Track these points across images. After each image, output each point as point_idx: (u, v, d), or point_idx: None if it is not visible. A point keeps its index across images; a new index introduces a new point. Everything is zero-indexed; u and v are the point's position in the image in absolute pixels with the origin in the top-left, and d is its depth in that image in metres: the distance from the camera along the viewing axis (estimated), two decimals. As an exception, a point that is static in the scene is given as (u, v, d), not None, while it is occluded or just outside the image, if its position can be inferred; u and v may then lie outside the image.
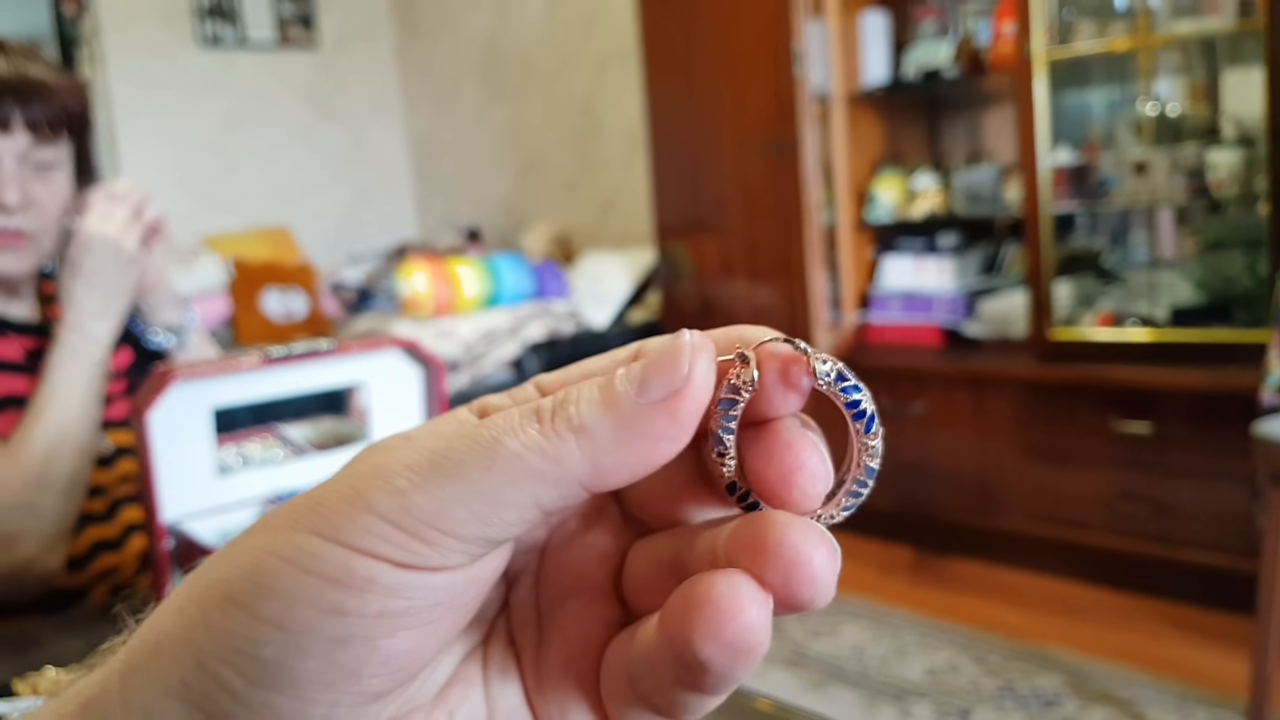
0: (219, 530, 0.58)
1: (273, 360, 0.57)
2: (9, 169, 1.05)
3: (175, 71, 4.80)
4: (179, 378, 0.54)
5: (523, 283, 3.34)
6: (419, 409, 0.67)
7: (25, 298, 1.17)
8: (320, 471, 0.65)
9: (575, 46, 4.41)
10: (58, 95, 1.08)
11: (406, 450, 0.21)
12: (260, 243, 4.71)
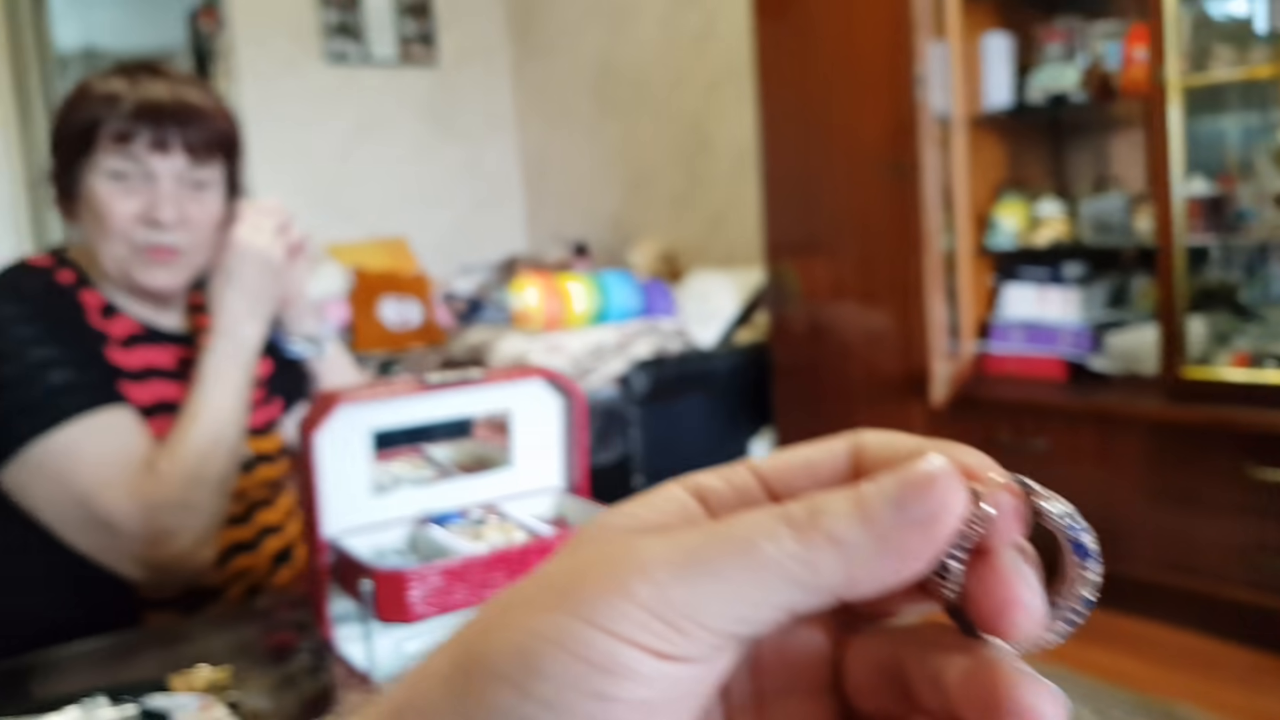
0: (374, 547, 0.60)
1: (429, 387, 0.58)
2: (166, 188, 1.10)
3: (303, 86, 4.98)
4: (345, 401, 0.56)
5: (631, 300, 3.35)
6: (559, 437, 0.67)
7: (175, 309, 1.22)
8: (466, 495, 0.66)
9: (687, 65, 4.43)
10: (213, 120, 1.14)
11: (660, 543, 0.22)
12: (379, 252, 4.85)
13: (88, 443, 1.01)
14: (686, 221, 4.60)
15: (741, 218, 4.26)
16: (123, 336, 1.15)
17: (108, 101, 1.09)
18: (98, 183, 1.09)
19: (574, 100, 5.20)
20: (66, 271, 1.15)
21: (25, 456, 1.00)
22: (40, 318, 1.07)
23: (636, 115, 4.80)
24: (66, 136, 1.11)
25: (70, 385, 1.02)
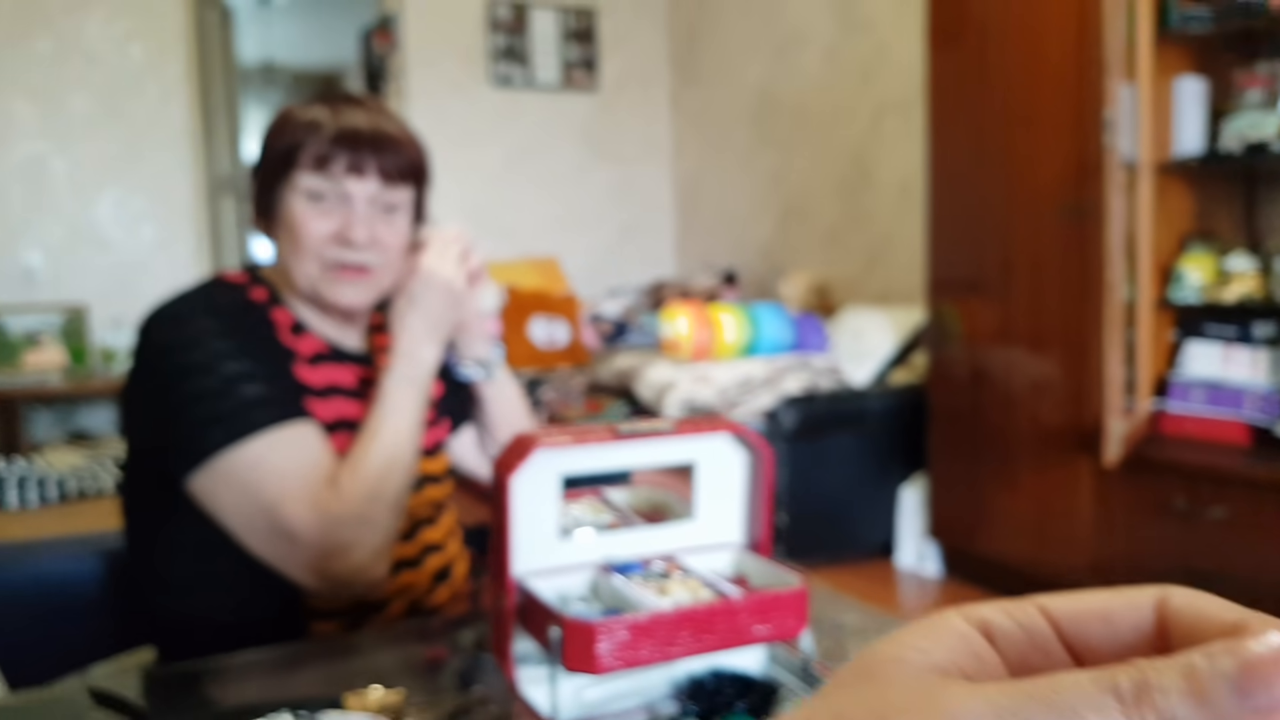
0: (557, 591, 0.61)
1: (622, 436, 0.56)
2: (360, 209, 1.14)
3: (468, 108, 5.14)
4: (541, 445, 0.55)
5: (782, 334, 3.29)
6: (742, 493, 0.65)
7: (357, 328, 1.27)
8: (647, 544, 0.65)
9: (851, 96, 4.35)
10: (405, 148, 1.18)
11: (970, 697, 0.22)
12: (531, 271, 4.94)
13: (275, 455, 1.05)
14: (841, 255, 4.50)
15: (900, 254, 4.14)
16: (309, 354, 1.19)
17: (310, 127, 1.14)
18: (295, 202, 1.14)
19: (731, 128, 5.19)
20: (260, 289, 1.20)
21: (214, 465, 1.04)
22: (235, 333, 1.11)
23: (795, 145, 4.74)
24: (269, 159, 1.17)
25: (261, 399, 1.06)
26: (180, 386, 1.06)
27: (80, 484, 3.82)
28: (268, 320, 1.17)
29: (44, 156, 4.48)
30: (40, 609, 1.41)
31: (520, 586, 0.61)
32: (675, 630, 0.56)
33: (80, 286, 4.59)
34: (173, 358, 1.08)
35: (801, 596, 0.60)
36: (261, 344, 1.14)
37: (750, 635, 0.59)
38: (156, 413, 1.10)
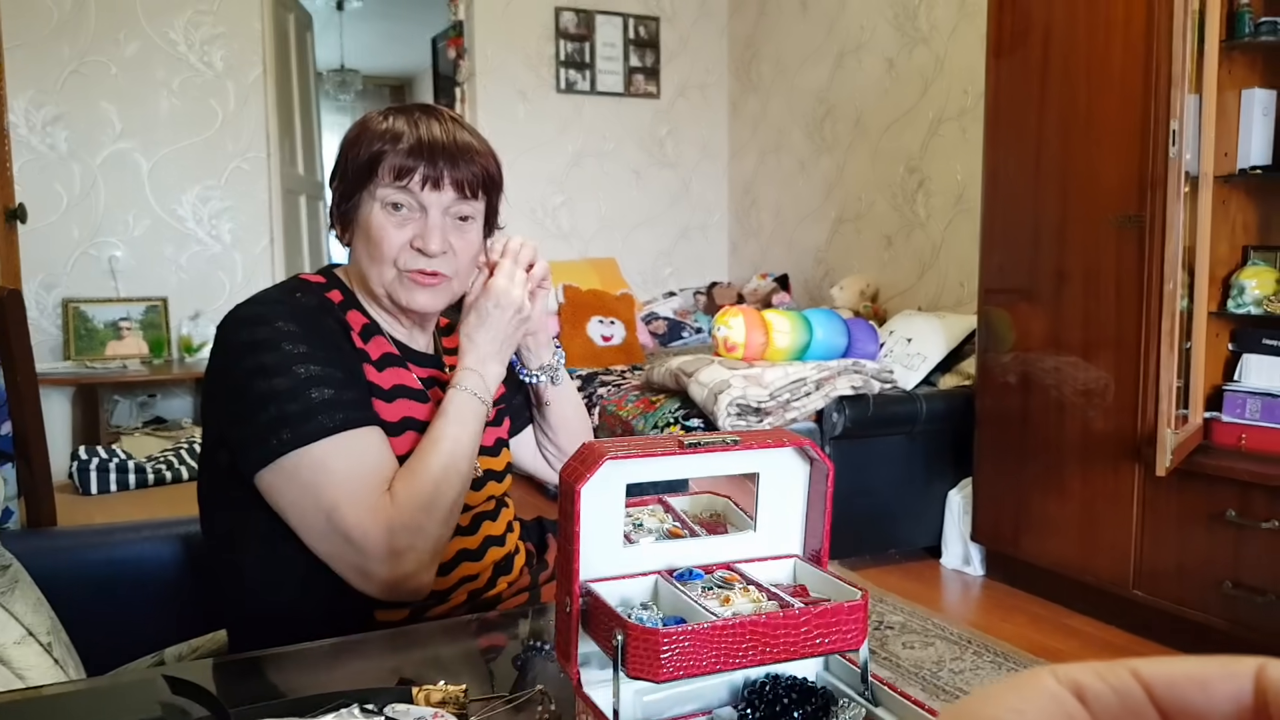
0: (620, 596, 0.64)
1: (688, 449, 0.62)
2: (435, 219, 1.19)
3: (534, 113, 5.26)
4: (610, 457, 0.60)
5: (835, 339, 3.35)
6: (802, 503, 0.70)
7: (427, 330, 1.33)
8: (708, 553, 0.70)
9: (908, 105, 4.38)
10: (481, 159, 1.22)
11: None
12: (590, 271, 5.04)
13: (339, 459, 1.08)
14: (894, 261, 4.53)
15: (952, 262, 4.17)
16: (377, 357, 1.22)
17: (390, 138, 1.18)
18: (375, 212, 1.19)
19: (788, 134, 5.24)
20: (336, 291, 1.25)
21: (280, 464, 1.08)
22: (310, 336, 1.14)
23: (851, 152, 4.78)
24: (349, 169, 1.22)
25: (330, 403, 1.09)
26: (254, 386, 1.09)
27: (158, 471, 3.99)
28: (342, 322, 1.21)
29: (129, 155, 4.67)
30: (117, 591, 1.46)
31: (586, 591, 0.63)
32: (737, 640, 0.57)
33: (161, 280, 4.78)
34: (249, 358, 1.11)
35: (862, 609, 0.61)
36: (335, 347, 1.16)
37: (811, 647, 0.59)
38: (231, 409, 1.14)
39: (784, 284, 5.08)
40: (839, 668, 0.67)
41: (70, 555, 1.47)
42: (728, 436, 0.64)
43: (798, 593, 0.65)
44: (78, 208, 4.59)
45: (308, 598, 1.15)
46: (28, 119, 4.47)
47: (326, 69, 8.57)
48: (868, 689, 0.63)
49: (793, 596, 0.63)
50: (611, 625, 0.59)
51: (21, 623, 1.24)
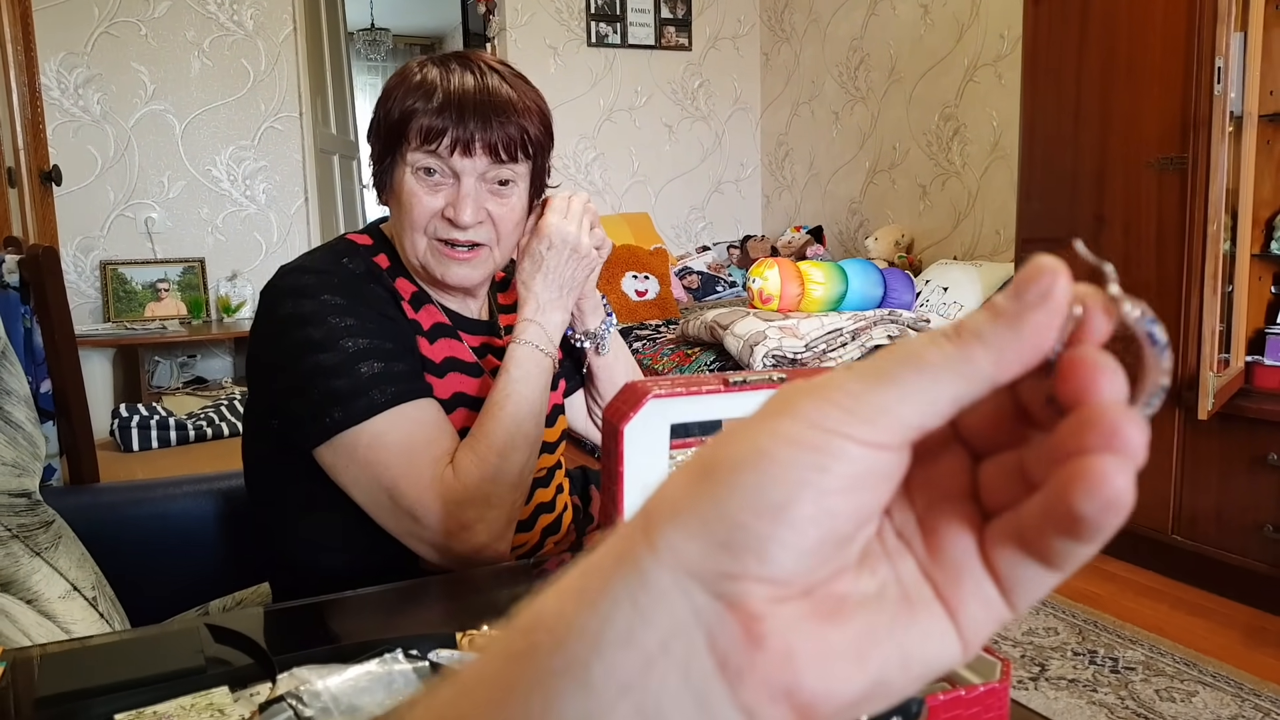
0: None
1: (734, 387, 0.62)
2: (468, 186, 1.10)
3: (565, 67, 5.21)
4: (653, 395, 0.59)
5: (872, 289, 3.31)
6: None
7: (479, 297, 1.25)
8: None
9: (943, 52, 4.29)
10: (519, 116, 1.11)
11: (849, 370, 0.27)
12: (624, 226, 5.02)
13: (394, 434, 1.02)
14: (929, 211, 4.47)
15: (988, 210, 4.11)
16: (429, 327, 1.16)
17: (422, 93, 1.09)
18: (407, 177, 1.10)
19: (821, 85, 5.16)
20: (384, 255, 1.18)
21: (337, 442, 1.03)
22: (358, 306, 1.08)
23: (885, 101, 4.70)
24: (383, 127, 1.12)
25: (381, 376, 1.04)
26: (302, 362, 1.04)
27: (198, 428, 4.05)
28: (391, 290, 1.15)
29: (162, 116, 4.70)
30: (160, 546, 1.47)
31: None
32: None
33: (197, 241, 4.83)
34: (296, 331, 1.06)
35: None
36: (385, 316, 1.10)
37: None
38: (280, 383, 1.09)
39: (818, 236, 5.03)
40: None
41: (113, 511, 1.48)
42: (774, 374, 0.63)
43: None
44: (112, 170, 4.62)
45: (353, 560, 1.12)
46: (59, 81, 4.49)
47: (357, 28, 8.54)
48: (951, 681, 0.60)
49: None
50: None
51: (66, 578, 1.27)
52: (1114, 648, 2.27)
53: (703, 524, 0.25)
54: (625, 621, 0.25)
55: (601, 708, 0.25)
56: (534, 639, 0.26)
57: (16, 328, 1.75)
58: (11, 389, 1.26)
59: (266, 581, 1.37)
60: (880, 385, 0.26)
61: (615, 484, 0.60)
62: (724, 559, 0.25)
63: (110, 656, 0.93)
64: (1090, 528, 0.25)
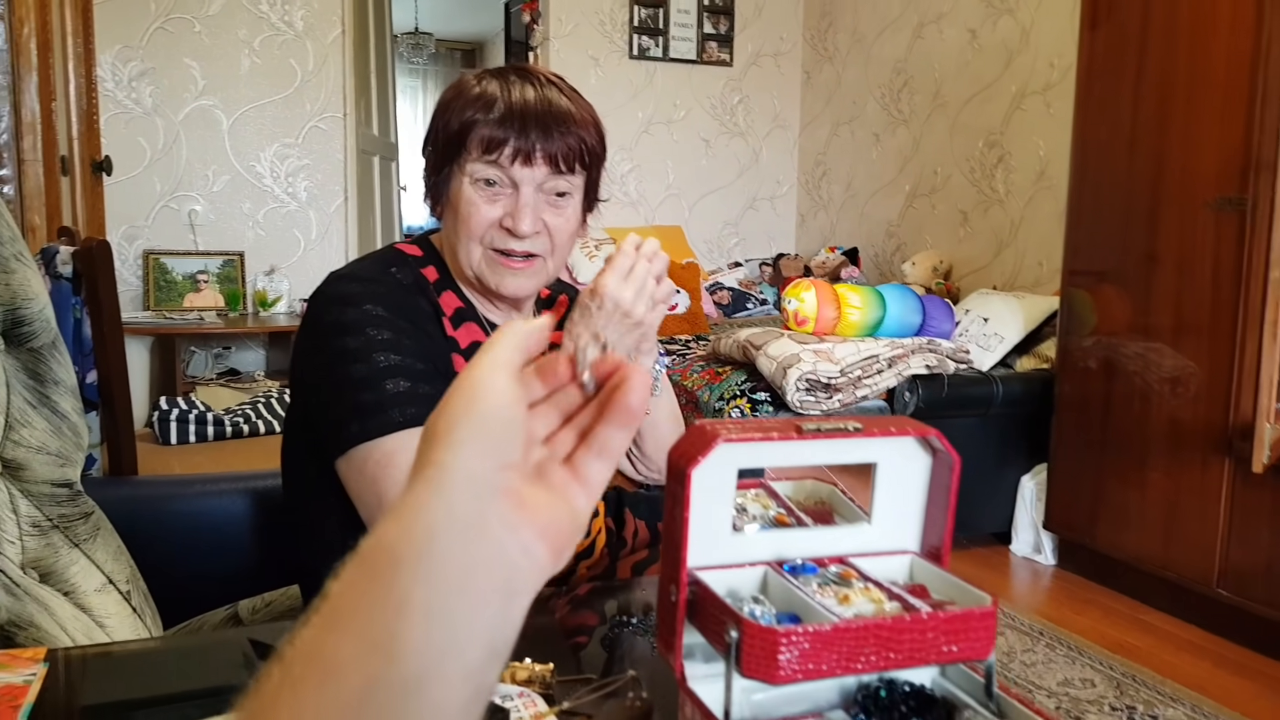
0: (727, 587, 0.62)
1: (806, 434, 0.60)
2: (527, 196, 1.11)
3: (606, 78, 5.22)
4: (723, 439, 0.58)
5: (909, 316, 3.27)
6: (919, 495, 0.67)
7: (525, 312, 1.26)
8: (819, 545, 0.67)
9: (990, 78, 4.25)
10: (578, 128, 1.12)
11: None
12: (655, 239, 5.00)
13: (403, 457, 1.02)
14: (969, 238, 4.43)
15: (1032, 239, 4.06)
16: (467, 345, 1.15)
17: (482, 104, 1.09)
18: (465, 187, 1.11)
19: (863, 105, 5.13)
20: (433, 268, 1.18)
21: (351, 454, 1.04)
22: (399, 320, 1.08)
23: (928, 125, 4.66)
24: (441, 138, 1.13)
25: (405, 395, 1.04)
26: (335, 371, 1.06)
27: (235, 425, 4.07)
28: (435, 305, 1.15)
29: (210, 111, 4.74)
30: (193, 542, 1.48)
31: (693, 580, 0.60)
32: (860, 643, 0.53)
33: (238, 235, 4.86)
34: (336, 340, 1.07)
35: (992, 616, 0.58)
36: (423, 334, 1.11)
37: (939, 654, 0.56)
38: (314, 391, 1.11)
39: (853, 258, 5.00)
40: (955, 674, 0.63)
41: (150, 505, 1.50)
42: (849, 423, 0.61)
43: (915, 592, 0.61)
44: (160, 162, 4.67)
45: None
46: (114, 73, 4.54)
47: (401, 31, 8.59)
48: (994, 701, 0.59)
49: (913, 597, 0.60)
50: (723, 619, 0.56)
51: (102, 570, 1.27)
52: (1153, 704, 2.19)
53: (468, 453, 0.39)
54: (433, 519, 0.37)
55: (439, 574, 0.36)
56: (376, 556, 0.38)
57: (67, 318, 1.76)
58: (60, 379, 1.26)
59: (296, 585, 1.37)
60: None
61: (680, 529, 0.58)
62: (485, 463, 0.39)
63: (153, 665, 0.92)
64: (632, 414, 0.45)
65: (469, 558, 0.37)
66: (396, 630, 0.34)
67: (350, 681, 0.34)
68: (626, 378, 0.46)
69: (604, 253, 4.70)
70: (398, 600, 0.35)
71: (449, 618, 0.36)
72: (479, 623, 0.37)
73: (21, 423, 1.20)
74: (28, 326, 1.21)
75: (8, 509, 1.15)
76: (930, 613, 0.56)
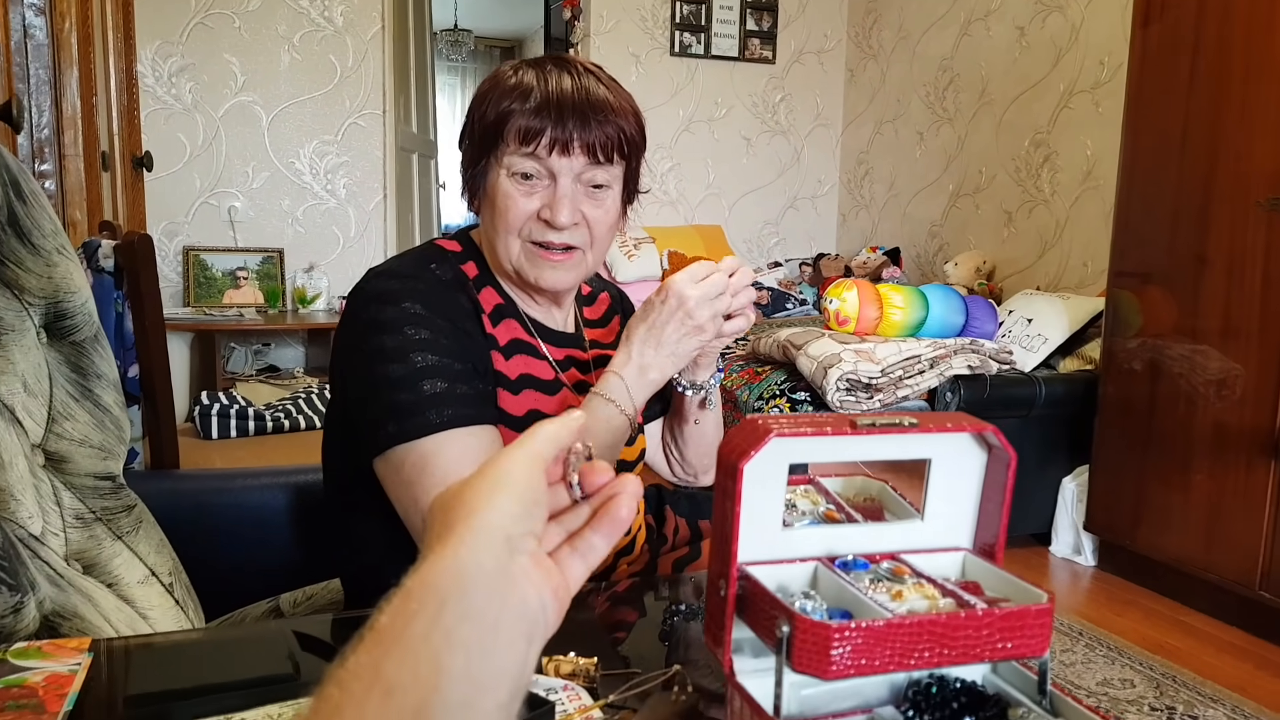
0: (777, 582, 0.61)
1: (861, 430, 0.58)
2: (565, 187, 1.09)
3: (646, 75, 5.20)
4: (776, 434, 0.56)
5: (952, 317, 3.23)
6: (973, 492, 0.65)
7: (565, 305, 1.24)
8: (870, 541, 0.65)
9: (1038, 76, 4.19)
10: (616, 117, 1.10)
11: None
12: (695, 238, 4.99)
13: (439, 460, 1.01)
14: (1013, 238, 4.37)
15: (1077, 240, 4.00)
16: (506, 343, 1.14)
17: (519, 94, 1.08)
18: (502, 180, 1.09)
19: (907, 104, 5.07)
20: (472, 264, 1.17)
21: (389, 455, 1.03)
22: (438, 319, 1.07)
23: (974, 123, 4.60)
24: (478, 130, 1.11)
25: (442, 397, 1.03)
26: (373, 370, 1.05)
27: (276, 420, 4.10)
28: (475, 301, 1.13)
29: (250, 108, 4.78)
30: (235, 536, 1.48)
31: (743, 575, 0.59)
32: (914, 640, 0.53)
33: (277, 232, 4.90)
34: (373, 338, 1.06)
35: (1048, 613, 0.57)
36: (462, 332, 1.09)
37: (994, 651, 0.55)
38: (352, 389, 1.11)
39: (894, 258, 4.95)
40: (1007, 671, 0.62)
41: (192, 498, 1.50)
42: (904, 419, 0.60)
43: (969, 589, 0.59)
44: (200, 158, 4.72)
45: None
46: (154, 69, 4.60)
47: (440, 28, 8.63)
48: (1046, 698, 0.58)
49: (967, 593, 0.58)
50: (774, 614, 0.55)
51: (145, 563, 1.28)
52: (1194, 705, 2.17)
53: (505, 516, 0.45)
54: (476, 566, 0.43)
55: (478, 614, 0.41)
56: (422, 592, 0.42)
57: (109, 312, 1.78)
58: (102, 373, 1.27)
59: (337, 579, 1.37)
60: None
61: (730, 524, 0.57)
62: (517, 528, 0.45)
63: (197, 656, 0.92)
64: (621, 527, 0.50)
65: (502, 603, 0.42)
66: (442, 660, 0.39)
67: (409, 700, 0.38)
68: (620, 490, 0.51)
69: (643, 252, 4.69)
70: (443, 633, 0.40)
71: (486, 654, 0.41)
72: (510, 662, 0.42)
73: (64, 415, 1.20)
74: (70, 320, 1.21)
75: (51, 501, 1.16)
76: (986, 609, 0.55)
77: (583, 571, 0.50)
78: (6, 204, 1.13)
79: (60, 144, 2.25)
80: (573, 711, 0.76)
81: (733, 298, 1.07)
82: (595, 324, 1.32)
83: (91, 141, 2.43)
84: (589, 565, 0.50)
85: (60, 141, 2.25)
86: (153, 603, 1.25)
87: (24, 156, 2.12)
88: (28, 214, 1.15)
